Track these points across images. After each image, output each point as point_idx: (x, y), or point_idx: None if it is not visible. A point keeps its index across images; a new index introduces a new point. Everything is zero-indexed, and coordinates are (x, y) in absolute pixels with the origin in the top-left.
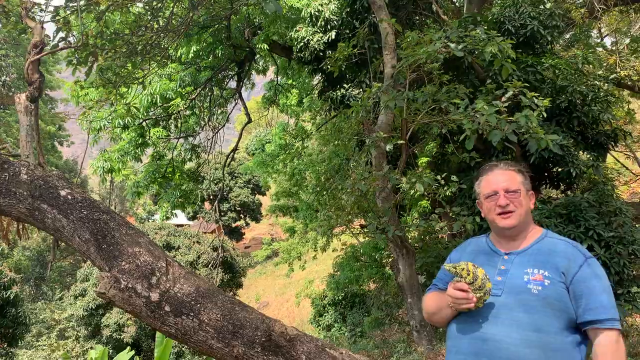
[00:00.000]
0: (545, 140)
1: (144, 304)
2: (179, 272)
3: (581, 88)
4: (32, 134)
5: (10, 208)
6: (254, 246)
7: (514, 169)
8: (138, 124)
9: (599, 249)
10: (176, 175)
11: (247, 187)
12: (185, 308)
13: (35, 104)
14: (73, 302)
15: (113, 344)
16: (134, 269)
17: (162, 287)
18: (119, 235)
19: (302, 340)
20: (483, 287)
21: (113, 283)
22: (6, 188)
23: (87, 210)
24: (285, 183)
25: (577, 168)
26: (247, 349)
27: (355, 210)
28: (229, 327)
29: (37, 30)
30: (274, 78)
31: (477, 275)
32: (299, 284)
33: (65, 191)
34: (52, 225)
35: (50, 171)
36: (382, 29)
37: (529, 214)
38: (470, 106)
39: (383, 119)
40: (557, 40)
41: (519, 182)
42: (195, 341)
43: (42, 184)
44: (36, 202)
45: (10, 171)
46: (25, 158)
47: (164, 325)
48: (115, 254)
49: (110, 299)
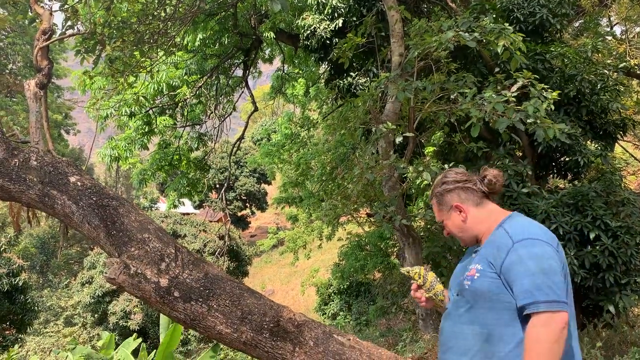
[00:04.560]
0: (553, 129)
1: (153, 290)
2: (188, 258)
3: (590, 77)
4: (41, 121)
5: (21, 194)
6: (260, 235)
7: (432, 198)
8: (145, 112)
9: (606, 239)
10: (183, 163)
11: (252, 176)
12: (194, 294)
13: (44, 90)
14: (80, 290)
15: (120, 330)
16: (143, 255)
17: (171, 273)
18: (129, 222)
19: (310, 326)
20: (432, 289)
21: (123, 269)
22: (16, 174)
23: (97, 197)
24: (291, 172)
25: (585, 157)
26: (256, 335)
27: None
28: (237, 312)
29: (46, 17)
30: (281, 67)
31: (426, 278)
32: (304, 272)
33: (75, 177)
34: (62, 211)
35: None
36: (390, 17)
37: (468, 223)
38: (478, 95)
39: (390, 107)
40: (566, 29)
41: (437, 211)
42: (204, 327)
43: (51, 170)
44: (46, 188)
45: (20, 157)
46: (35, 144)
47: (173, 310)
48: (125, 240)
49: (120, 284)
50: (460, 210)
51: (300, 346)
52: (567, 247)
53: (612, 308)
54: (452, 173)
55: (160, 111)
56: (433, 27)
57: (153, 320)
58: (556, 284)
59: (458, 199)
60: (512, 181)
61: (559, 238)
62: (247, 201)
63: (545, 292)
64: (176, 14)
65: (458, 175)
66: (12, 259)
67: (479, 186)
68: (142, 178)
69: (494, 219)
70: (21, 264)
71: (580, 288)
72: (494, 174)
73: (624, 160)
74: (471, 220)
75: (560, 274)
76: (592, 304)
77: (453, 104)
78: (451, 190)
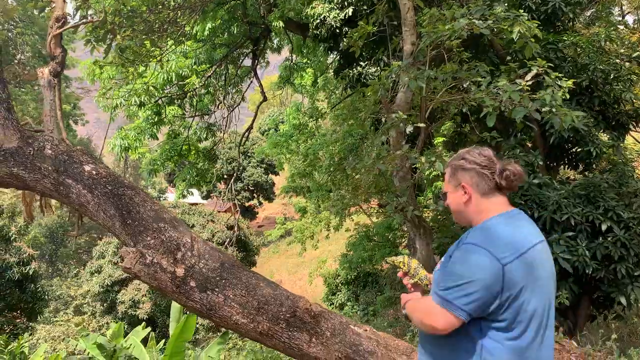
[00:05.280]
0: (570, 117)
1: (169, 279)
2: (204, 248)
3: (603, 66)
4: (55, 109)
5: (35, 183)
6: (267, 225)
7: (449, 165)
8: (154, 102)
9: (618, 230)
10: (192, 153)
11: (260, 167)
12: (211, 284)
13: (58, 78)
14: (89, 279)
15: (128, 319)
16: (159, 245)
17: (187, 263)
18: (144, 211)
19: (327, 316)
20: (416, 275)
21: (139, 258)
22: (31, 163)
23: (112, 186)
24: (299, 163)
25: (597, 148)
26: (272, 325)
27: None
28: (253, 303)
29: (59, 4)
30: (289, 57)
31: (410, 265)
32: (311, 263)
33: (90, 166)
34: (77, 200)
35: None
36: (402, 5)
37: (466, 206)
38: (492, 84)
39: (402, 97)
40: (579, 18)
41: (446, 181)
42: (220, 317)
43: (66, 159)
44: (61, 177)
45: (34, 146)
46: (49, 133)
47: (189, 300)
48: (141, 229)
49: (136, 274)
50: (465, 192)
51: (316, 337)
52: (579, 238)
53: (624, 300)
54: (475, 153)
55: (169, 101)
56: (446, 15)
57: (162, 309)
58: (465, 291)
59: (469, 181)
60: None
61: (571, 229)
62: (254, 192)
63: (448, 289)
64: (186, 3)
65: (480, 157)
66: (22, 248)
67: (495, 177)
68: (151, 168)
69: (490, 213)
70: (31, 253)
71: (591, 279)
72: (515, 170)
73: (636, 151)
74: (472, 206)
75: (482, 286)
76: (602, 296)
77: (465, 94)
78: (466, 169)
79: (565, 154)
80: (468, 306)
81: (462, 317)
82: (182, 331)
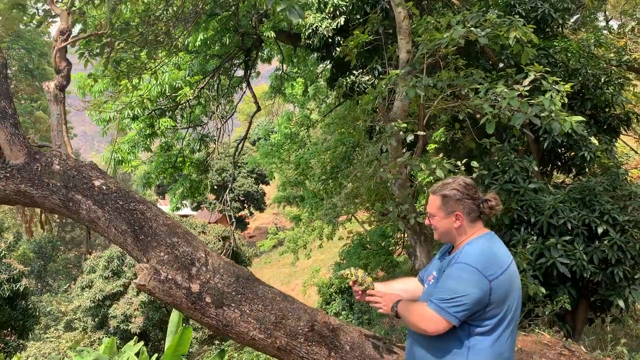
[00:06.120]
0: (570, 122)
1: (184, 296)
2: (218, 262)
3: (594, 71)
4: (61, 124)
5: (44, 199)
6: (259, 236)
7: (438, 193)
8: (147, 114)
9: (614, 233)
10: (186, 165)
11: (250, 177)
12: (227, 299)
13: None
14: (80, 294)
15: (120, 334)
16: (173, 260)
17: (202, 278)
18: (157, 226)
19: (345, 329)
20: (364, 282)
21: (153, 274)
22: (39, 179)
23: (123, 201)
24: (291, 172)
25: (591, 152)
26: (290, 340)
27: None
28: (270, 317)
29: (64, 17)
30: (279, 67)
31: (357, 274)
32: (304, 272)
33: (100, 181)
34: (87, 216)
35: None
36: (397, 14)
37: (456, 230)
38: (491, 90)
39: (399, 105)
40: (567, 24)
41: (436, 207)
42: (237, 332)
43: (75, 175)
44: (70, 193)
45: (42, 162)
46: (57, 148)
47: (205, 316)
48: (154, 244)
49: (151, 290)
50: (457, 219)
51: (335, 350)
52: (576, 242)
53: (622, 303)
54: (465, 183)
55: (160, 113)
56: (442, 23)
57: (154, 323)
58: (458, 302)
59: (462, 209)
60: (519, 177)
61: (567, 233)
62: (245, 202)
63: (444, 300)
64: (180, 15)
65: (469, 187)
66: (12, 264)
67: (481, 206)
68: (146, 181)
69: (474, 235)
70: (22, 269)
71: (588, 283)
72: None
73: (626, 154)
74: (460, 230)
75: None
76: (600, 299)
77: (462, 100)
78: (460, 200)
79: (559, 159)
80: (459, 313)
81: (453, 322)
82: (179, 344)
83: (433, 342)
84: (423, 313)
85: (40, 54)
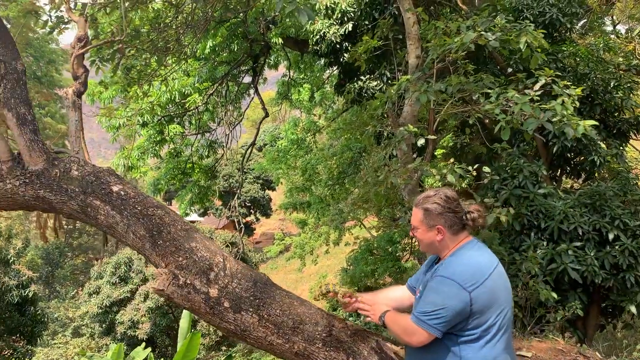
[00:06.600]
0: (583, 126)
1: (202, 301)
2: (236, 267)
3: (603, 75)
4: (79, 130)
5: (62, 205)
6: (265, 241)
7: (420, 206)
8: (157, 121)
9: (625, 239)
10: (195, 171)
11: (257, 183)
12: (245, 304)
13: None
14: (87, 300)
15: (127, 340)
16: (191, 265)
17: (220, 283)
18: (175, 231)
19: (363, 335)
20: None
21: (171, 279)
22: (57, 185)
23: (141, 206)
24: (298, 178)
25: (600, 157)
26: (308, 345)
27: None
28: (288, 322)
29: (81, 24)
30: (286, 73)
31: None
32: (310, 278)
33: (118, 187)
34: (105, 221)
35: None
36: (406, 19)
37: (438, 243)
38: (502, 95)
39: (409, 110)
40: (575, 28)
41: (419, 220)
42: (255, 337)
43: (93, 180)
44: (88, 199)
45: (60, 168)
46: (75, 154)
47: (223, 321)
48: (172, 249)
49: (169, 295)
50: (439, 232)
51: (353, 356)
52: (587, 247)
53: (634, 308)
54: (446, 197)
55: (169, 119)
56: (451, 28)
57: (161, 329)
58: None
59: (444, 223)
60: (528, 182)
61: (578, 239)
62: (251, 207)
63: (425, 313)
64: (190, 22)
65: (450, 201)
66: (21, 270)
67: (463, 218)
68: (155, 187)
69: (455, 247)
70: (30, 275)
71: (600, 288)
72: (479, 213)
73: (635, 159)
74: (442, 243)
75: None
76: (611, 305)
77: (473, 106)
78: (441, 214)
79: (568, 163)
80: (439, 325)
81: (435, 334)
82: (188, 349)
83: (425, 354)
84: (406, 325)
85: (48, 62)
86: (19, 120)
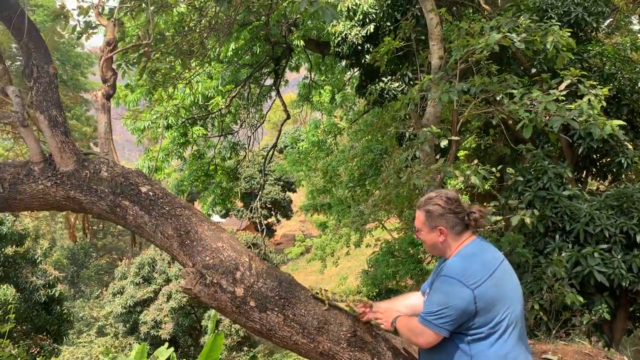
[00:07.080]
0: (610, 126)
1: (229, 300)
2: (261, 267)
3: (630, 75)
4: (109, 132)
5: (92, 205)
6: (285, 243)
7: (422, 208)
8: (181, 123)
9: None
10: (218, 173)
11: (277, 184)
12: (270, 303)
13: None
14: (111, 300)
15: (150, 340)
16: (218, 264)
17: (246, 282)
18: (202, 231)
19: (387, 336)
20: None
21: (199, 279)
22: (87, 185)
23: (169, 207)
24: (318, 180)
25: (628, 158)
26: (333, 345)
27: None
28: (313, 322)
29: (110, 28)
30: (307, 75)
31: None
32: (331, 280)
33: (146, 187)
34: (134, 222)
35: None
36: (429, 20)
37: (441, 244)
38: (526, 95)
39: (432, 111)
40: (601, 27)
41: (421, 222)
42: (281, 337)
43: (122, 181)
44: (117, 199)
45: (90, 169)
46: (104, 155)
47: (249, 320)
48: (199, 249)
49: (196, 294)
50: (441, 233)
51: (378, 357)
52: (613, 250)
53: None
54: (447, 198)
55: (192, 122)
56: (475, 29)
57: (183, 329)
58: (442, 314)
59: (445, 224)
60: (552, 184)
61: (604, 241)
62: (272, 209)
63: (431, 313)
64: (214, 25)
65: (451, 202)
66: (47, 270)
67: (465, 219)
68: (179, 189)
69: (458, 247)
70: (57, 275)
71: (627, 292)
72: (481, 213)
73: None
74: (445, 244)
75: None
76: (639, 309)
77: (495, 106)
78: (442, 215)
79: (594, 165)
80: (445, 325)
81: (442, 334)
82: (211, 349)
83: (436, 355)
84: (414, 327)
85: (74, 65)
86: (51, 122)
